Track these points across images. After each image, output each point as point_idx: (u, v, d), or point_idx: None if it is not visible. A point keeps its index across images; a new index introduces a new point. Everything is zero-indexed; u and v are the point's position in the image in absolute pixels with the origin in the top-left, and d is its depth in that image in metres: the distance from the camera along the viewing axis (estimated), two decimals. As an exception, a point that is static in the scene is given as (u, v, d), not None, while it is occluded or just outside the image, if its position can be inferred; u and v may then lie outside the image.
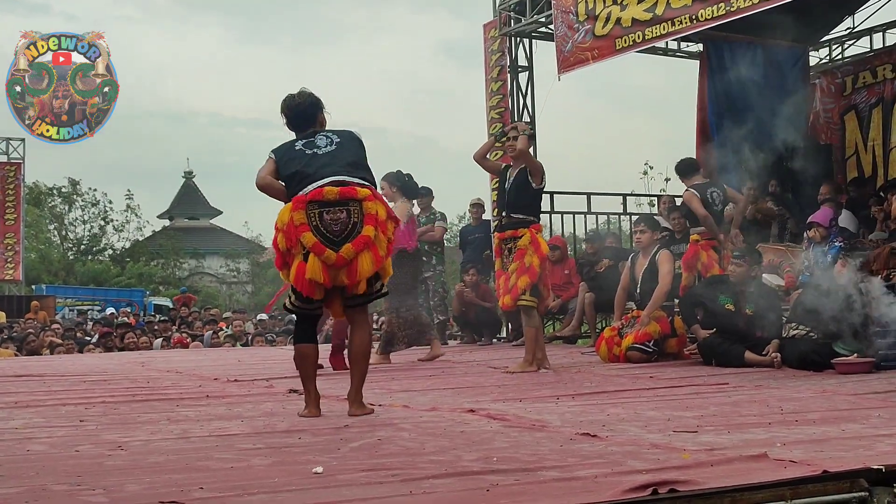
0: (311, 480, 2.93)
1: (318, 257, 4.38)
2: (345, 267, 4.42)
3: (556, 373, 7.10)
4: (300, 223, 4.41)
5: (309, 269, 4.40)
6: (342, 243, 4.41)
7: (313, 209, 4.43)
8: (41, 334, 14.51)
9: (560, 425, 4.14)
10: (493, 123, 12.70)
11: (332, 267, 4.40)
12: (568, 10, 10.96)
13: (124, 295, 31.79)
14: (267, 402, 5.39)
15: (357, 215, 4.46)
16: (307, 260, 4.41)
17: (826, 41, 13.44)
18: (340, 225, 4.42)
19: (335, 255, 4.39)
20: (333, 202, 4.44)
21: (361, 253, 4.43)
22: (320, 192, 4.44)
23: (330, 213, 4.43)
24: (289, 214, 4.45)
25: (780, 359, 7.00)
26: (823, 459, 3.08)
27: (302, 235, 4.40)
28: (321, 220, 4.42)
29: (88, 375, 7.37)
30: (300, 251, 4.44)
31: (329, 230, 4.41)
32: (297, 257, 4.45)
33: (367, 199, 4.48)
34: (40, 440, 3.90)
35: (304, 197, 4.45)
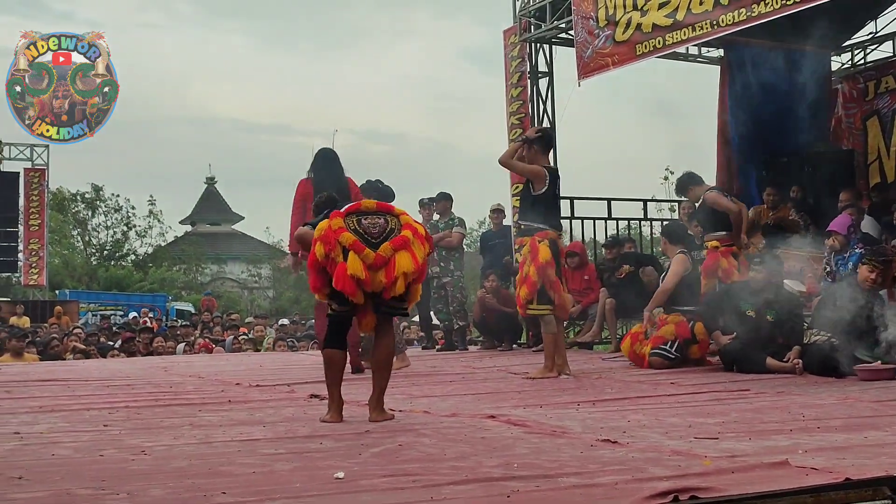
0: (332, 486, 2.95)
1: (357, 255, 4.44)
2: (383, 267, 4.47)
3: (577, 379, 7.10)
4: (338, 227, 4.51)
5: (350, 265, 4.44)
6: (380, 244, 4.49)
7: (351, 217, 4.58)
8: (64, 339, 14.61)
9: (581, 432, 4.14)
10: (514, 129, 12.71)
11: (371, 267, 4.46)
12: (588, 15, 10.95)
13: (147, 300, 31.94)
14: (288, 407, 5.41)
15: (394, 223, 4.61)
16: (347, 259, 4.46)
17: (848, 46, 13.37)
18: (378, 228, 4.55)
19: (374, 255, 4.46)
20: (372, 212, 4.62)
21: (399, 251, 4.50)
22: (359, 205, 4.66)
23: (368, 219, 4.58)
24: (327, 223, 4.57)
25: (801, 365, 6.96)
26: (846, 467, 3.07)
27: (341, 236, 4.47)
28: (360, 225, 4.55)
29: (112, 380, 7.42)
30: (338, 253, 4.48)
31: (367, 232, 4.52)
32: (338, 258, 4.50)
33: (403, 214, 4.69)
34: (65, 444, 3.93)
35: (343, 211, 4.62)
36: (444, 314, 11.34)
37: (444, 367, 8.48)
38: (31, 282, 28.22)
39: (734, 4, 9.09)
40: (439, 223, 11.24)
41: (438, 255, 11.10)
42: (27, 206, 28.05)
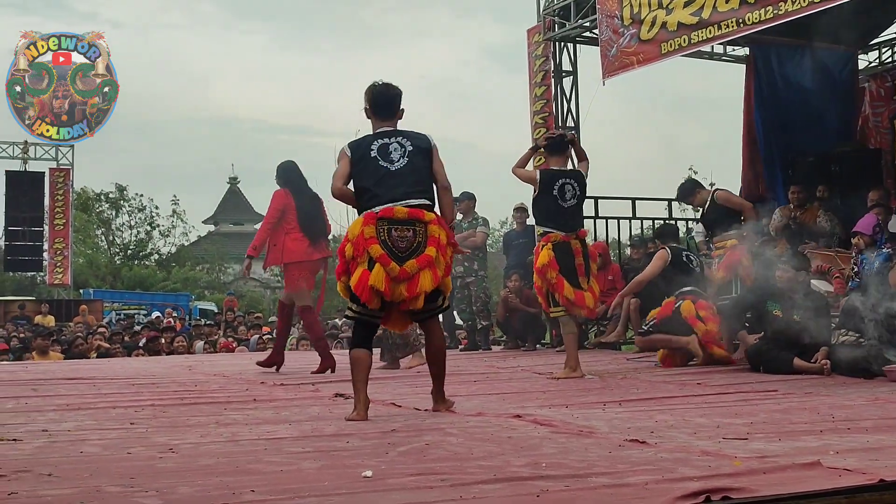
0: (360, 484, 2.94)
1: (383, 268, 4.69)
2: (406, 281, 4.72)
3: (602, 379, 7.07)
4: (370, 236, 4.73)
5: (372, 276, 4.69)
6: (406, 259, 4.73)
7: (383, 225, 4.76)
8: (89, 338, 14.70)
9: (608, 431, 4.11)
10: (538, 128, 12.68)
11: (394, 279, 4.70)
12: (613, 14, 10.91)
13: (170, 299, 32.14)
14: (313, 405, 5.41)
15: (422, 236, 4.80)
16: (371, 269, 4.70)
17: (875, 44, 13.26)
18: (406, 242, 4.76)
19: (398, 269, 4.70)
20: (402, 221, 4.78)
21: (423, 270, 4.75)
22: (391, 211, 4.77)
23: (398, 230, 4.76)
24: (360, 228, 4.78)
25: (829, 366, 6.91)
26: (879, 468, 3.03)
27: (370, 247, 4.71)
28: (389, 236, 4.75)
29: (136, 379, 7.45)
30: (364, 260, 4.73)
31: (396, 246, 4.74)
32: (361, 266, 4.74)
33: (431, 223, 4.84)
34: (93, 442, 3.94)
35: (376, 214, 4.77)
36: (467, 314, 11.33)
37: (468, 367, 8.46)
38: (56, 281, 28.41)
39: (760, 3, 9.03)
40: (462, 223, 11.22)
41: (462, 255, 11.08)
42: (52, 206, 28.25)
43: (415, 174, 4.91)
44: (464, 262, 11.10)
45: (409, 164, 4.91)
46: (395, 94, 5.10)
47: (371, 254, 4.71)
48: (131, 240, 43.77)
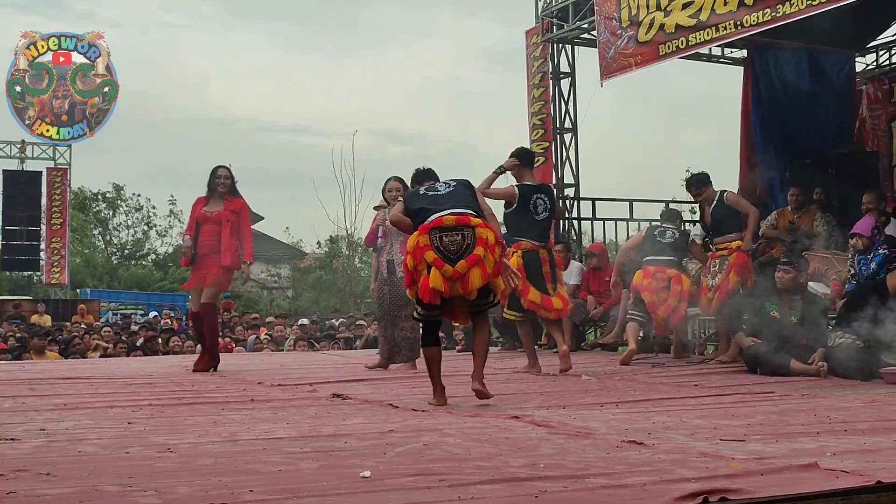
0: (358, 484, 2.95)
1: (438, 270, 5.29)
2: (459, 280, 5.29)
3: (600, 380, 7.08)
4: (424, 244, 5.37)
5: (431, 279, 5.31)
6: (457, 260, 5.30)
7: (435, 234, 5.37)
8: (86, 337, 14.68)
9: (606, 433, 4.12)
10: (535, 130, 12.70)
11: (449, 279, 5.29)
12: (611, 16, 10.92)
13: (167, 299, 32.10)
14: (311, 406, 5.42)
15: (470, 238, 5.35)
16: (430, 273, 5.33)
17: (873, 46, 13.28)
18: (456, 245, 5.33)
19: (451, 270, 5.29)
20: (451, 227, 5.37)
21: (473, 268, 5.30)
22: (441, 220, 5.39)
23: (448, 236, 5.35)
24: (416, 239, 5.43)
25: (826, 367, 6.92)
26: (876, 470, 3.04)
27: (425, 254, 5.34)
28: (441, 242, 5.35)
29: (134, 378, 7.45)
30: (424, 267, 5.36)
31: (447, 249, 5.33)
32: (423, 272, 5.38)
33: (478, 226, 5.40)
34: (91, 441, 3.95)
35: (428, 225, 5.41)
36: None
37: (465, 368, 8.44)
38: (53, 280, 28.40)
39: (758, 5, 9.04)
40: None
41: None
42: (49, 205, 28.24)
43: (461, 196, 5.63)
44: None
45: (454, 190, 5.67)
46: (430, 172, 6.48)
47: (426, 259, 5.33)
48: (128, 239, 43.77)
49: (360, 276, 31.64)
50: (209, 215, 8.42)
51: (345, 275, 32.02)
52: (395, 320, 8.21)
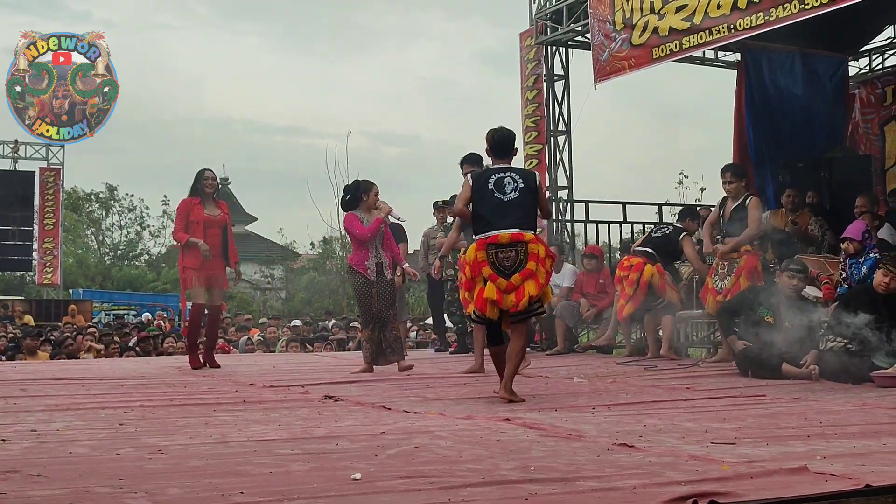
0: (349, 486, 2.95)
1: (493, 283, 5.77)
2: (514, 291, 5.76)
3: (592, 383, 7.09)
4: (482, 259, 5.82)
5: (487, 291, 5.79)
6: (512, 274, 5.77)
7: (491, 249, 5.82)
8: (78, 338, 14.66)
9: (597, 435, 4.13)
10: (529, 132, 12.72)
11: (503, 291, 5.76)
12: (605, 18, 10.95)
13: (160, 300, 32.03)
14: (303, 407, 5.41)
15: (523, 253, 5.80)
16: (486, 286, 5.80)
17: (866, 51, 13.34)
18: (510, 260, 5.79)
19: (506, 283, 5.77)
20: (506, 244, 5.80)
21: (526, 281, 5.77)
22: (497, 238, 5.82)
23: (503, 252, 5.80)
24: (474, 253, 5.88)
25: (817, 371, 6.93)
26: (865, 473, 3.05)
27: (482, 269, 5.81)
28: (497, 258, 5.80)
29: (126, 379, 7.44)
30: (481, 280, 5.84)
31: (502, 265, 5.79)
32: (479, 284, 5.87)
33: (531, 242, 5.85)
34: (82, 443, 3.94)
35: (485, 240, 5.84)
36: (457, 317, 11.31)
37: (457, 370, 8.47)
38: (46, 280, 28.34)
39: (752, 8, 9.08)
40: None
41: (454, 258, 11.08)
42: (42, 205, 28.19)
43: (523, 207, 5.93)
44: (455, 265, 11.09)
45: (519, 197, 5.92)
46: (509, 136, 6.27)
47: (483, 274, 5.81)
48: (121, 240, 43.70)
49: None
50: (214, 218, 8.72)
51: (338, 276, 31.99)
52: (384, 322, 8.15)
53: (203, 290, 8.71)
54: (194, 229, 8.61)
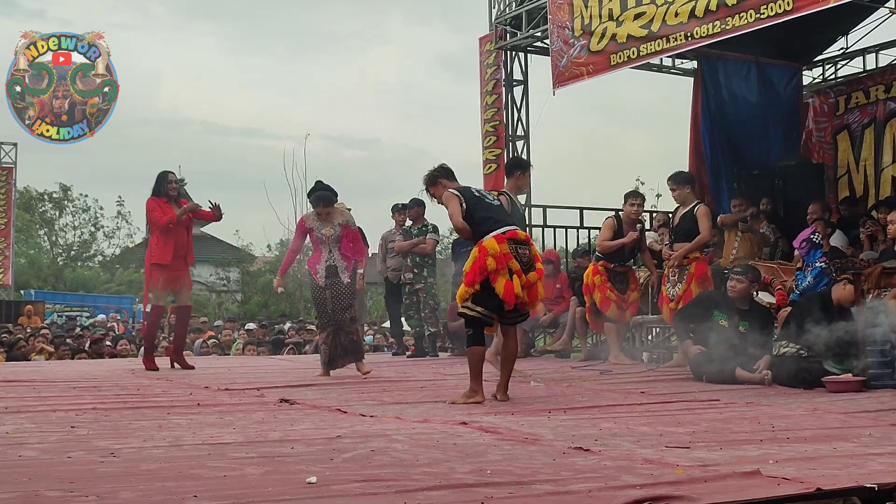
0: (304, 490, 2.93)
1: (519, 278, 5.89)
2: (528, 288, 5.96)
3: (548, 387, 7.11)
4: (506, 252, 5.90)
5: (515, 285, 5.87)
6: (527, 272, 5.96)
7: (512, 244, 5.95)
8: (30, 340, 14.44)
9: (553, 439, 4.14)
10: (488, 136, 12.75)
11: (523, 287, 5.91)
12: (564, 25, 11.01)
13: (113, 301, 31.67)
14: (258, 411, 5.37)
15: (531, 255, 6.07)
16: (512, 279, 5.85)
17: (819, 61, 13.54)
18: (526, 258, 6.00)
19: (526, 279, 5.93)
20: (523, 242, 6.06)
21: (539, 281, 6.06)
22: (515, 234, 6.02)
23: (522, 248, 6.01)
24: (498, 246, 5.90)
25: (770, 376, 7.01)
26: (816, 477, 3.09)
27: (510, 262, 5.90)
28: (517, 253, 5.95)
29: (78, 382, 7.34)
30: (506, 272, 5.87)
31: (521, 261, 5.95)
32: (503, 276, 5.86)
33: (531, 245, 6.19)
34: (32, 446, 3.88)
35: (505, 235, 5.96)
36: (415, 321, 11.33)
37: (415, 374, 8.47)
38: (-3, 281, 27.90)
39: (709, 17, 9.18)
40: (412, 229, 11.23)
41: (412, 262, 11.09)
42: (-7, 205, 27.76)
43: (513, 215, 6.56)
44: (413, 269, 11.10)
45: (503, 207, 6.51)
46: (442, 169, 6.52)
47: (511, 267, 5.88)
48: (75, 240, 43.12)
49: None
50: (182, 220, 8.74)
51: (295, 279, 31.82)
52: (339, 324, 8.04)
53: (165, 293, 8.70)
54: (168, 228, 8.65)
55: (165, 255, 8.55)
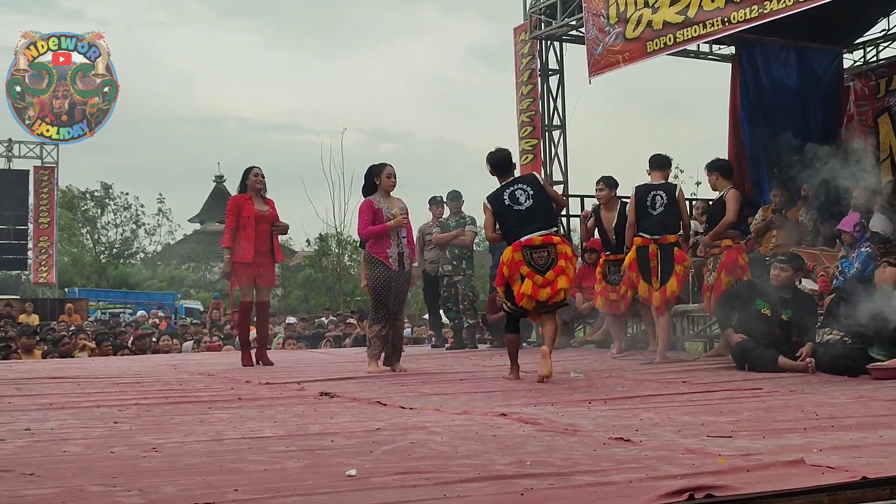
0: (344, 483, 2.93)
1: (530, 280, 6.63)
2: (549, 285, 6.63)
3: (588, 377, 7.08)
4: (518, 260, 6.69)
5: (524, 287, 6.65)
6: (546, 271, 6.66)
7: (527, 251, 6.70)
8: (74, 337, 14.62)
9: (593, 430, 4.11)
10: (524, 127, 12.70)
11: (539, 287, 6.63)
12: (599, 12, 10.93)
13: (156, 298, 32.01)
14: (298, 404, 5.39)
15: (554, 254, 6.71)
16: (523, 282, 6.64)
17: (860, 43, 13.33)
18: (543, 259, 6.69)
19: (542, 279, 6.65)
20: (539, 246, 6.71)
21: (559, 276, 6.67)
22: (531, 240, 6.72)
23: (537, 252, 6.70)
24: (512, 255, 6.72)
25: (813, 364, 6.93)
26: (862, 466, 3.04)
27: (520, 267, 6.68)
28: (532, 258, 6.69)
29: (121, 378, 7.42)
30: (518, 277, 6.67)
31: (536, 263, 6.68)
32: (517, 282, 6.69)
33: (559, 244, 6.79)
34: (76, 441, 3.92)
35: (521, 243, 6.72)
36: (453, 313, 11.33)
37: (454, 366, 8.46)
38: (41, 280, 28.29)
39: (746, 2, 9.07)
40: (450, 221, 11.22)
41: (450, 254, 11.09)
42: (37, 205, 28.15)
43: (541, 211, 6.81)
44: (452, 262, 11.10)
45: (534, 203, 6.81)
46: (506, 155, 7.09)
47: (521, 272, 6.65)
48: (116, 238, 43.64)
49: (350, 275, 31.60)
50: (264, 214, 8.74)
51: (335, 273, 31.96)
52: (395, 319, 7.93)
53: (251, 289, 8.72)
54: (246, 224, 8.60)
55: (246, 253, 8.58)
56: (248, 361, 8.79)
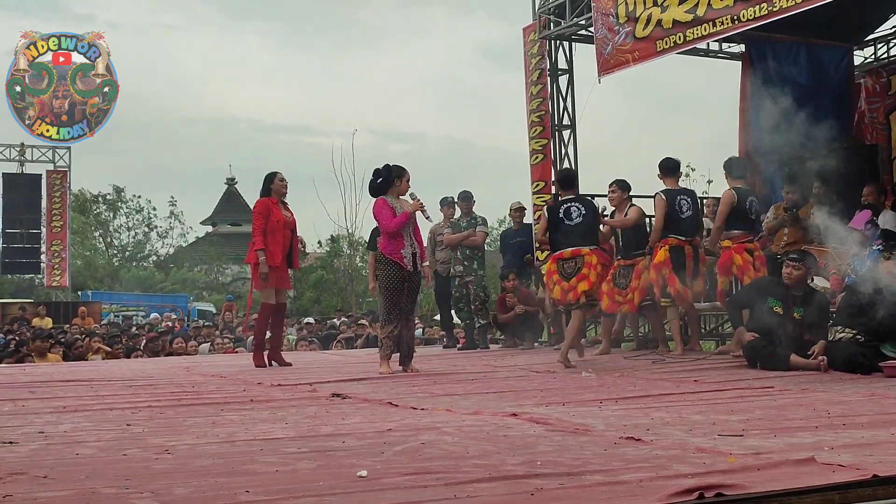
0: (355, 484, 2.94)
1: (559, 286, 8.16)
2: (572, 290, 8.07)
3: (599, 376, 7.07)
4: (552, 270, 8.28)
5: (555, 292, 8.31)
6: (572, 278, 8.08)
7: (559, 263, 8.20)
8: (86, 340, 14.68)
9: (604, 429, 4.12)
10: (534, 127, 12.68)
11: (565, 291, 8.11)
12: (608, 12, 10.91)
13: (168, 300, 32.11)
14: (310, 406, 5.41)
15: (581, 263, 8.09)
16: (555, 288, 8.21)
17: (871, 40, 13.27)
18: (571, 268, 8.12)
19: (567, 284, 8.11)
20: (568, 258, 8.15)
21: (580, 282, 8.02)
22: (562, 254, 8.18)
23: (567, 263, 8.17)
24: (548, 266, 8.49)
25: (825, 362, 6.91)
26: (873, 464, 3.03)
27: (553, 276, 8.26)
28: (562, 268, 8.19)
29: (134, 380, 7.46)
30: (553, 284, 8.25)
31: (565, 272, 8.16)
32: (553, 286, 8.27)
33: (587, 254, 8.08)
34: (89, 444, 3.94)
35: (556, 256, 8.22)
36: (465, 313, 11.34)
37: (465, 366, 8.47)
38: (54, 283, 28.42)
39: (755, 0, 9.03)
40: (461, 222, 11.23)
41: (462, 255, 11.10)
42: (49, 208, 28.27)
43: (584, 228, 8.15)
44: (463, 262, 11.11)
45: (582, 221, 8.15)
46: (572, 174, 9.38)
47: (553, 280, 8.24)
48: (129, 241, 43.83)
49: (362, 276, 31.65)
50: (288, 220, 8.88)
51: (346, 274, 32.01)
52: (408, 318, 7.95)
53: (272, 291, 8.77)
54: (275, 229, 8.68)
55: (275, 257, 8.66)
56: (261, 362, 8.82)
